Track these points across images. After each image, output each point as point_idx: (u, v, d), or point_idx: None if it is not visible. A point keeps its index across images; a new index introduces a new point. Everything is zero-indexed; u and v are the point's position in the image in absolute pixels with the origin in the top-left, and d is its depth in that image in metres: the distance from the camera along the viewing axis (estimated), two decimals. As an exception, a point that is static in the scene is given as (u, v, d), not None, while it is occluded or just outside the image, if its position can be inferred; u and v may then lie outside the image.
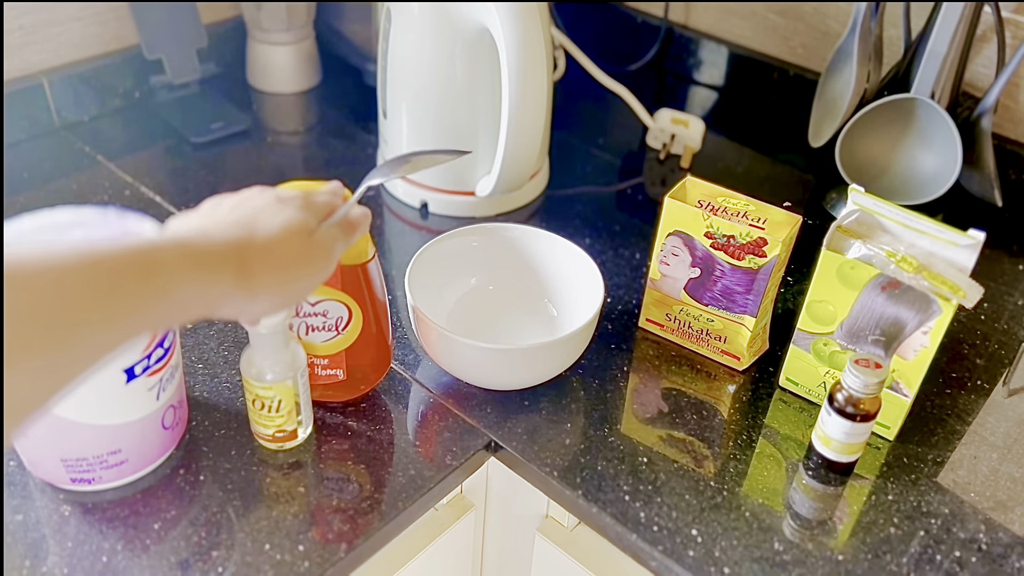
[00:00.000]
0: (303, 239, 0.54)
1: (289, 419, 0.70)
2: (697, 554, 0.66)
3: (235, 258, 0.49)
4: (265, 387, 0.67)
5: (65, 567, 0.62)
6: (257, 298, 0.51)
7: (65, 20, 1.07)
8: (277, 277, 0.52)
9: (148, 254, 0.44)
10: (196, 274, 0.46)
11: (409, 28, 0.92)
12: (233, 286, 0.49)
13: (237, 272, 0.49)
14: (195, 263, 0.46)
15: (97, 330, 0.41)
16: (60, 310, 0.39)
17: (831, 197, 1.05)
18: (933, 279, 0.68)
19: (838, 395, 0.69)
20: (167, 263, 0.45)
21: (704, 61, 1.28)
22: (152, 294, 0.44)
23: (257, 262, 0.50)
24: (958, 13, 0.90)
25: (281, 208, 0.54)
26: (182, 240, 0.47)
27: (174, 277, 0.45)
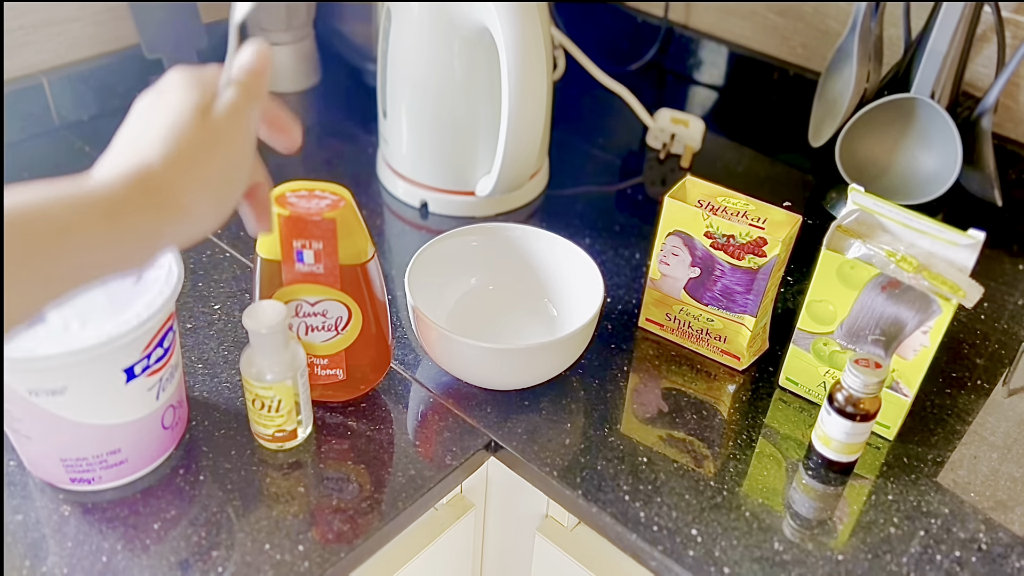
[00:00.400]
0: (198, 125, 0.49)
1: (289, 419, 0.70)
2: (697, 554, 0.66)
3: (142, 193, 0.46)
4: (265, 387, 0.67)
5: (65, 567, 0.62)
6: (192, 212, 0.48)
7: (65, 20, 1.07)
8: (195, 180, 0.48)
9: (63, 219, 0.43)
10: (114, 231, 0.44)
11: (409, 28, 0.92)
12: (159, 218, 0.46)
13: (154, 204, 0.46)
14: (108, 221, 0.44)
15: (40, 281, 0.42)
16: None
17: (831, 197, 1.05)
18: (933, 279, 0.68)
19: (838, 395, 0.69)
20: (81, 227, 0.43)
21: (704, 61, 1.28)
22: (77, 252, 0.43)
23: (166, 182, 0.47)
24: (958, 13, 0.90)
25: (162, 105, 0.50)
26: (90, 200, 0.45)
27: (93, 239, 0.44)
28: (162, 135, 0.49)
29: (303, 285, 0.68)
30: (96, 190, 0.45)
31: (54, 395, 0.61)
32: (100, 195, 0.45)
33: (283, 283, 0.68)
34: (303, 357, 0.69)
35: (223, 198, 0.51)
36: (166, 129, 0.49)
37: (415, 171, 1.00)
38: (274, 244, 0.66)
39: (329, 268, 0.67)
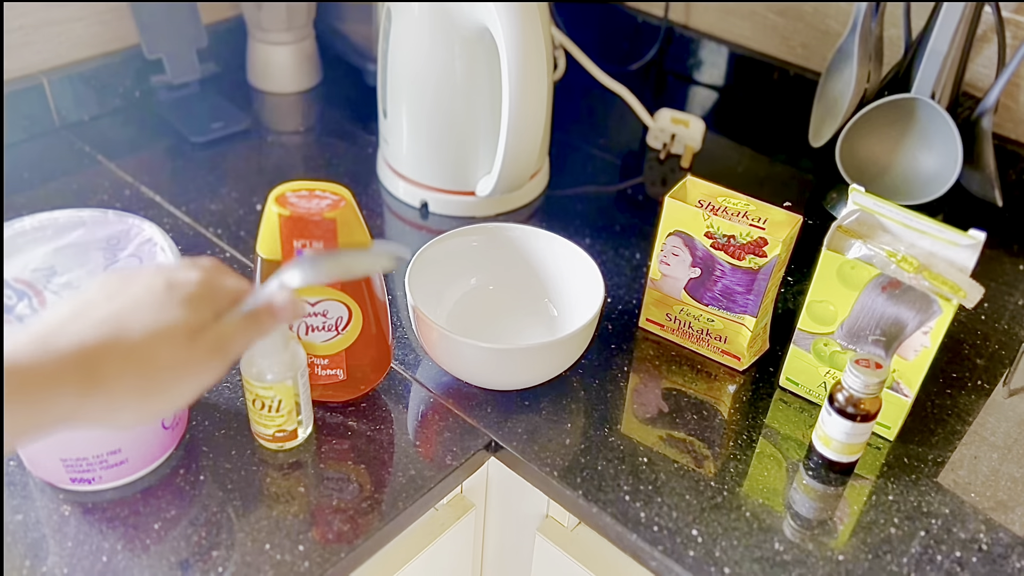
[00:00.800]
0: (182, 341, 0.47)
1: (289, 419, 0.70)
2: (697, 554, 0.66)
3: (81, 367, 0.44)
4: (265, 387, 0.67)
5: (65, 567, 0.62)
6: (118, 407, 0.46)
7: (65, 20, 1.07)
8: (140, 383, 0.46)
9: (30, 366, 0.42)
10: (25, 396, 0.42)
11: (409, 28, 0.92)
12: (80, 397, 0.44)
13: (83, 381, 0.44)
14: (22, 384, 0.43)
15: None
16: None
17: (831, 197, 1.05)
18: (933, 279, 0.68)
19: (838, 395, 0.69)
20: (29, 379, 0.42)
21: (704, 61, 1.28)
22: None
23: (114, 367, 0.45)
24: (958, 13, 0.90)
25: (163, 302, 0.48)
26: (11, 358, 0.43)
27: (9, 394, 0.42)
28: (139, 329, 0.47)
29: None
30: (21, 355, 0.44)
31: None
32: (25, 361, 0.44)
33: (283, 283, 0.68)
34: (303, 357, 0.69)
35: (150, 413, 0.48)
36: (146, 327, 0.47)
37: (415, 171, 1.00)
38: (274, 244, 0.66)
39: (329, 268, 0.67)
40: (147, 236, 0.71)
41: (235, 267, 0.90)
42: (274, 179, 1.05)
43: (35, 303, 0.64)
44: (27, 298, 0.64)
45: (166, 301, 0.48)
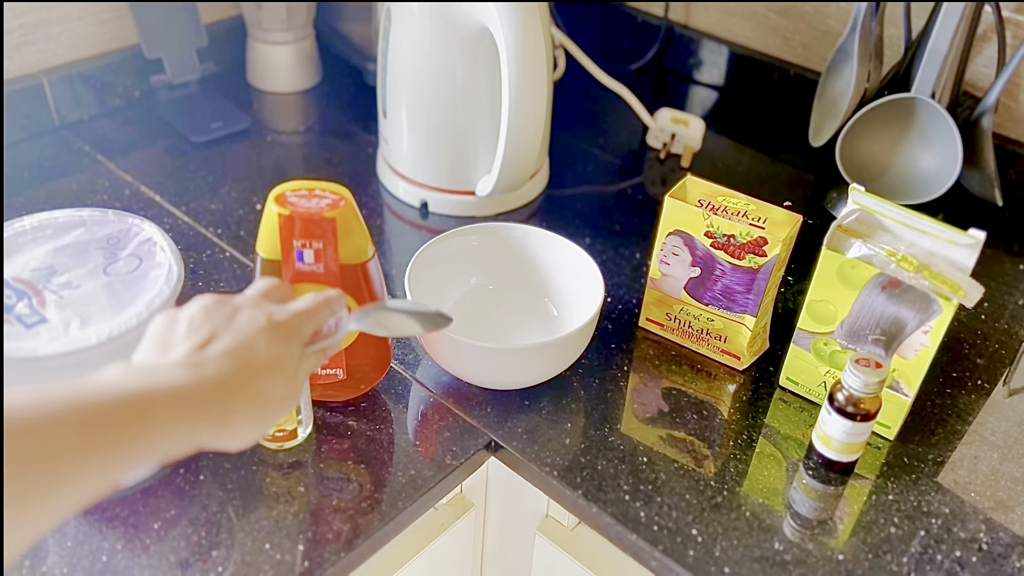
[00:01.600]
0: (288, 379, 0.52)
1: (289, 419, 0.70)
2: (697, 554, 0.65)
3: (219, 402, 0.48)
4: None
5: (65, 566, 0.62)
6: (235, 435, 0.49)
7: (65, 19, 1.07)
8: (257, 414, 0.50)
9: (138, 402, 0.44)
10: (181, 422, 0.46)
11: (409, 27, 0.92)
12: (215, 427, 0.48)
13: (219, 414, 0.48)
14: (181, 411, 0.46)
15: (86, 474, 0.41)
16: (53, 457, 0.40)
17: (831, 196, 1.05)
18: (934, 278, 0.68)
19: (838, 395, 0.69)
20: (155, 410, 0.45)
21: (704, 61, 1.28)
22: (136, 440, 0.43)
23: (241, 403, 0.49)
24: (959, 13, 0.90)
25: (273, 343, 0.52)
26: (172, 386, 0.46)
27: (158, 423, 0.44)
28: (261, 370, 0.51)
29: (303, 284, 0.68)
30: (180, 384, 0.47)
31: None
32: (183, 390, 0.47)
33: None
34: None
35: (252, 439, 0.51)
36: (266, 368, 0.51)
37: (415, 171, 1.00)
38: (274, 244, 0.66)
39: (329, 267, 0.67)
40: (147, 236, 0.71)
41: (235, 267, 0.90)
42: (274, 179, 1.05)
43: (35, 303, 0.64)
44: (27, 298, 0.64)
45: (273, 338, 0.52)
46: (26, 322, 0.62)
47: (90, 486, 0.42)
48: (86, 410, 0.42)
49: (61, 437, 0.40)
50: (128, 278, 0.67)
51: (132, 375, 0.46)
